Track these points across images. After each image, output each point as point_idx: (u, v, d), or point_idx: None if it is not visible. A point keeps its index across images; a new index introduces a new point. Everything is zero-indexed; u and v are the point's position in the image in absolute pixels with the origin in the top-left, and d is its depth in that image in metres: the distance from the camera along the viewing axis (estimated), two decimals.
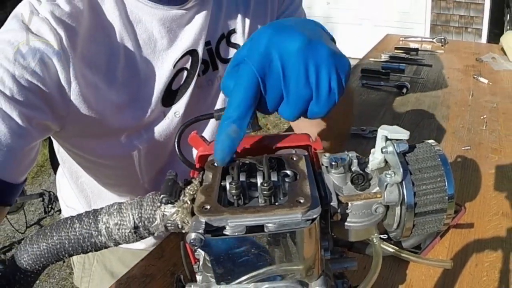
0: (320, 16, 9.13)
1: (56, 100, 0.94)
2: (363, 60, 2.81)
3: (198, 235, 0.52)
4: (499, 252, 1.16)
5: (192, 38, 1.10)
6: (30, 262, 0.70)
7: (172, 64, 1.08)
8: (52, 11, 0.91)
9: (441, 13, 7.99)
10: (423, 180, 0.62)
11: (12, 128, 0.87)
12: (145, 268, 1.15)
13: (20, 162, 0.92)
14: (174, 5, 1.05)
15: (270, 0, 1.27)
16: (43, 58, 0.89)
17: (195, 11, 1.09)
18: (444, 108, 2.05)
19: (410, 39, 3.21)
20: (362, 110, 2.09)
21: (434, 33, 7.95)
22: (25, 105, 0.88)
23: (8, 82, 0.86)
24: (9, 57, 0.86)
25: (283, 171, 0.61)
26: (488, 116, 1.94)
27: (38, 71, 0.89)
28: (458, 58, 2.77)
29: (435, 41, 3.11)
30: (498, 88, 2.28)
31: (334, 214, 0.61)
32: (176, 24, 1.07)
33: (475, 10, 7.72)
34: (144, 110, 1.07)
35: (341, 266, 0.67)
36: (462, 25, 7.90)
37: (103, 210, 0.70)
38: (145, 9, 1.02)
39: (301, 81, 0.62)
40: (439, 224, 0.64)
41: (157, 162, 1.18)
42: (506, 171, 1.52)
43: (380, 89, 2.32)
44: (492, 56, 2.75)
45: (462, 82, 2.38)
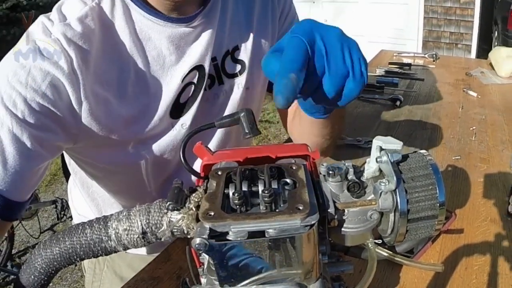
0: None
1: (67, 120, 0.94)
2: None
3: (203, 240, 0.52)
4: (487, 256, 1.16)
5: (199, 54, 1.10)
6: (44, 265, 0.70)
7: (180, 79, 1.08)
8: (64, 32, 0.91)
9: (432, 30, 8.00)
10: (415, 188, 0.62)
11: (21, 150, 0.87)
12: (152, 271, 1.15)
13: (28, 183, 0.91)
14: (182, 23, 1.05)
15: (271, 21, 1.28)
16: (54, 81, 0.89)
17: (201, 29, 1.09)
18: (436, 120, 2.05)
19: (403, 55, 3.21)
20: (357, 122, 2.09)
21: (426, 49, 7.96)
22: (36, 128, 0.88)
23: (20, 105, 0.86)
24: (22, 81, 0.86)
25: (283, 179, 0.61)
26: (477, 128, 1.94)
27: (49, 94, 0.89)
28: (448, 73, 2.78)
29: (427, 56, 3.11)
30: (486, 101, 2.28)
31: (331, 220, 0.62)
32: (184, 41, 1.08)
33: (465, 27, 7.73)
34: (153, 122, 1.07)
35: (338, 270, 0.67)
36: (453, 41, 7.90)
37: (113, 217, 0.70)
38: (154, 27, 1.03)
39: (339, 60, 0.69)
40: (430, 230, 0.64)
41: (164, 171, 1.18)
42: (494, 179, 1.52)
43: (375, 102, 2.32)
44: (481, 71, 2.75)
45: (453, 95, 2.38)
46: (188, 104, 1.13)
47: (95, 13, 0.97)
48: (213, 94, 1.19)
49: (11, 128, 0.85)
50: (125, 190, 1.23)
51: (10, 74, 0.86)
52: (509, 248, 1.18)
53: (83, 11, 0.95)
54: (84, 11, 0.95)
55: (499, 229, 1.26)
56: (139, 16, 1.01)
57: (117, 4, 0.99)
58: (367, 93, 2.41)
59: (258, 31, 1.25)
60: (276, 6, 1.29)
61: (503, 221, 1.29)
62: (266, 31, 1.28)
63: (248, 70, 1.23)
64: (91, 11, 0.96)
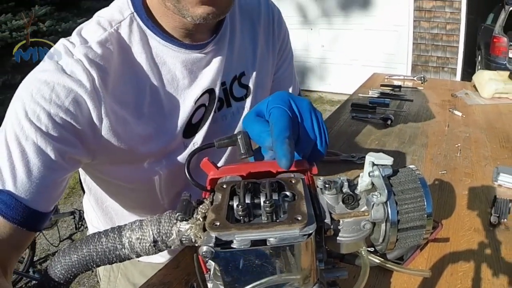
0: (316, 57, 9.21)
1: (88, 135, 0.93)
2: (353, 95, 2.82)
3: (209, 248, 0.52)
4: (471, 263, 1.15)
5: (210, 78, 1.10)
6: (63, 271, 0.70)
7: (193, 101, 1.08)
8: (86, 54, 0.91)
9: (421, 55, 8.02)
10: (405, 200, 0.62)
11: (45, 162, 0.86)
12: (163, 277, 1.15)
13: (51, 194, 0.90)
14: (195, 49, 1.05)
15: (271, 52, 1.30)
16: (77, 98, 0.88)
17: (212, 55, 1.10)
18: (424, 138, 2.05)
19: (394, 77, 3.21)
20: (352, 139, 2.09)
21: (415, 72, 7.99)
22: (59, 141, 0.88)
23: (44, 119, 0.85)
24: (46, 96, 0.86)
25: (283, 192, 0.62)
26: (462, 145, 1.94)
27: (72, 110, 0.88)
28: (436, 94, 2.78)
29: (415, 79, 3.11)
30: (470, 120, 2.28)
31: (327, 229, 0.62)
32: (196, 66, 1.08)
33: (451, 52, 7.75)
34: (167, 141, 1.07)
35: (333, 275, 0.67)
36: (439, 65, 7.92)
37: (126, 226, 0.70)
38: (169, 52, 1.03)
39: (310, 128, 0.76)
40: (419, 239, 0.64)
41: (175, 185, 1.17)
42: (477, 192, 1.52)
43: (368, 121, 2.32)
44: (466, 92, 2.75)
45: (439, 115, 2.38)
46: (200, 125, 1.13)
47: (114, 38, 0.97)
48: (222, 116, 1.19)
49: (36, 141, 0.84)
50: (139, 205, 1.22)
51: (34, 90, 0.86)
52: (491, 256, 1.18)
53: (103, 35, 0.95)
54: (104, 36, 0.95)
55: (482, 238, 1.26)
56: (155, 42, 1.01)
57: (134, 30, 1.00)
58: (361, 112, 2.42)
59: (261, 60, 1.26)
60: (276, 40, 1.31)
61: (486, 231, 1.29)
62: (267, 60, 1.29)
63: (253, 94, 1.24)
64: (110, 36, 0.96)
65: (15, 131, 0.85)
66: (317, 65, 9.30)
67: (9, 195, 0.82)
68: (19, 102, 0.87)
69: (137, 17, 1.00)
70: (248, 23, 1.24)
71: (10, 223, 0.82)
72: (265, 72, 1.29)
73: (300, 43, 9.19)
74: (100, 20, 0.98)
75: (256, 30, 1.25)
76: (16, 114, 0.86)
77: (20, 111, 0.86)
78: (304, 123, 0.76)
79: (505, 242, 1.24)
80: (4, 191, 0.82)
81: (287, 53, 1.39)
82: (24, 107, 0.86)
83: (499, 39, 7.74)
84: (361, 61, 8.61)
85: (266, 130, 0.74)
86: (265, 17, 1.27)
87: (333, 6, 8.67)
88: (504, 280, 1.10)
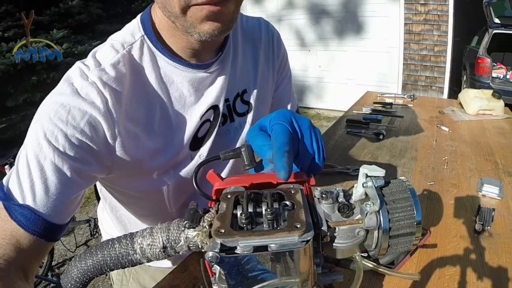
0: (313, 77, 9.23)
1: (103, 154, 0.94)
2: (348, 112, 2.82)
3: (215, 254, 0.52)
4: (457, 267, 1.15)
5: (215, 96, 1.11)
6: (79, 275, 0.70)
7: (199, 117, 1.08)
8: (100, 76, 0.91)
9: (410, 74, 8.03)
10: (396, 209, 0.62)
11: (61, 180, 0.87)
12: (172, 280, 1.14)
13: (67, 208, 0.91)
14: (201, 69, 1.06)
15: (271, 71, 1.31)
16: (91, 119, 0.89)
17: (216, 74, 1.11)
18: (413, 151, 2.05)
19: (386, 95, 3.21)
20: (346, 153, 2.09)
21: (405, 90, 7.99)
22: (75, 160, 0.88)
23: (61, 140, 0.86)
24: (62, 118, 0.86)
25: (283, 202, 0.62)
26: (449, 158, 1.94)
27: (87, 131, 0.89)
28: (424, 111, 2.78)
29: (406, 97, 3.12)
30: (456, 135, 2.29)
31: (324, 236, 0.62)
32: (202, 85, 1.08)
33: (438, 72, 7.76)
34: (175, 153, 1.07)
35: (330, 279, 0.67)
36: (428, 84, 7.93)
37: (138, 233, 0.71)
38: (177, 72, 1.04)
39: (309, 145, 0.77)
40: (409, 245, 0.64)
41: (183, 195, 1.18)
42: (463, 202, 1.52)
43: (362, 135, 2.32)
44: (452, 109, 2.75)
45: (428, 130, 2.38)
46: (205, 138, 1.13)
47: (126, 60, 0.97)
48: (225, 130, 1.19)
49: (53, 160, 0.85)
50: (149, 213, 1.23)
51: (52, 113, 0.87)
52: (476, 261, 1.18)
53: (116, 58, 0.96)
54: (117, 58, 0.96)
55: (468, 244, 1.25)
56: (164, 63, 1.02)
57: (145, 52, 1.01)
58: (355, 128, 2.42)
59: (262, 78, 1.26)
60: (276, 59, 1.32)
61: (470, 238, 1.29)
62: (268, 79, 1.30)
63: (254, 110, 1.24)
64: (123, 58, 0.97)
65: (34, 151, 0.86)
66: (315, 84, 9.31)
67: (29, 209, 0.83)
68: (38, 124, 0.88)
69: (147, 40, 1.01)
70: (249, 45, 1.25)
71: (30, 235, 0.83)
72: (265, 89, 1.30)
73: (299, 64, 9.22)
74: (113, 43, 0.99)
75: (257, 51, 1.26)
76: (36, 134, 0.87)
77: (39, 132, 0.86)
78: (304, 139, 0.77)
79: (489, 248, 1.24)
80: (24, 206, 0.83)
81: (286, 72, 1.40)
82: (43, 128, 0.86)
83: (483, 60, 7.76)
84: (356, 80, 8.62)
85: (267, 144, 0.74)
86: (265, 39, 1.28)
87: (329, 30, 8.70)
88: (487, 283, 1.10)
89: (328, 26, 8.70)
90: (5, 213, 0.83)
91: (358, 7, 8.20)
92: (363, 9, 8.17)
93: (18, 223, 0.82)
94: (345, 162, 1.94)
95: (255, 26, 1.28)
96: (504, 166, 1.85)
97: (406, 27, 7.77)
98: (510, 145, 2.13)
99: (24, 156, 0.87)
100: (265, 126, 0.80)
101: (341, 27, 8.55)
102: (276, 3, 9.16)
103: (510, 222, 1.39)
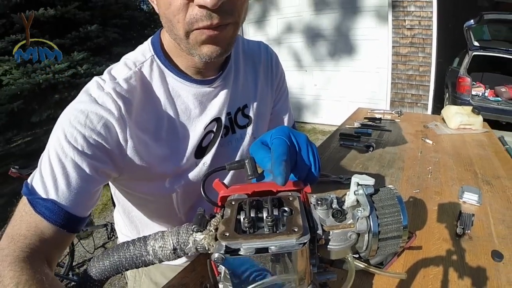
0: (310, 95, 9.24)
1: (116, 154, 0.96)
2: (341, 126, 2.82)
3: (220, 255, 0.53)
4: (440, 267, 1.15)
5: (218, 109, 1.12)
6: (97, 274, 0.71)
7: (203, 128, 1.10)
8: (114, 88, 0.95)
9: (398, 92, 8.04)
10: (385, 215, 0.62)
11: (81, 175, 0.89)
12: (181, 279, 1.14)
13: (87, 202, 0.93)
14: (205, 84, 1.08)
15: (270, 88, 1.32)
16: (107, 123, 0.92)
17: (219, 89, 1.12)
18: (400, 162, 2.05)
19: (376, 111, 3.21)
20: (339, 163, 2.09)
21: (393, 106, 7.99)
22: (92, 158, 0.91)
23: (80, 141, 0.89)
24: (81, 122, 0.89)
25: (282, 208, 0.62)
26: (433, 168, 1.94)
27: (103, 133, 0.92)
28: (410, 125, 2.78)
29: (393, 112, 3.12)
30: (440, 147, 2.28)
31: (319, 239, 0.62)
32: (206, 98, 1.10)
33: (423, 90, 7.77)
34: (181, 161, 1.08)
35: (324, 277, 0.67)
36: (414, 101, 7.93)
37: (150, 237, 0.71)
38: (183, 87, 1.06)
39: (306, 157, 0.79)
40: (396, 247, 0.64)
41: (190, 199, 1.18)
42: (446, 208, 1.51)
43: (353, 147, 2.32)
44: (435, 124, 2.75)
45: (413, 143, 2.38)
46: (208, 148, 1.14)
47: (137, 76, 1.00)
48: (227, 140, 1.20)
49: (74, 158, 0.88)
50: (159, 215, 1.23)
51: (72, 117, 0.90)
52: (457, 261, 1.18)
53: (128, 74, 0.99)
54: (129, 74, 0.99)
55: (450, 246, 1.25)
56: (171, 79, 1.05)
57: (154, 69, 1.03)
58: (347, 141, 2.42)
59: (261, 95, 1.27)
60: (274, 78, 1.33)
61: (452, 240, 1.29)
62: (267, 95, 1.31)
63: (254, 123, 1.25)
64: (135, 74, 1.00)
65: (56, 151, 0.89)
66: (311, 101, 9.32)
67: (52, 202, 0.86)
68: (60, 127, 0.91)
69: (156, 59, 1.04)
70: (250, 65, 1.26)
71: (54, 226, 0.86)
72: (264, 105, 1.30)
73: (296, 83, 9.23)
74: (126, 62, 1.03)
75: (257, 70, 1.28)
76: (58, 136, 0.90)
77: (61, 134, 0.89)
78: (302, 152, 0.79)
79: (469, 250, 1.24)
80: (48, 199, 0.86)
81: (284, 90, 1.41)
82: (64, 131, 0.89)
83: (463, 79, 7.78)
84: (348, 98, 8.62)
85: (268, 156, 0.76)
86: (264, 59, 1.30)
87: (324, 52, 8.73)
88: (468, 281, 1.10)
89: (323, 49, 8.73)
90: (29, 207, 0.86)
91: (350, 31, 8.23)
92: (355, 33, 8.20)
93: (42, 216, 0.85)
94: (338, 171, 1.94)
95: (255, 48, 1.29)
96: (483, 175, 1.85)
97: (394, 49, 7.79)
98: (488, 156, 2.13)
99: (46, 157, 0.90)
100: (266, 141, 0.83)
101: (335, 50, 8.58)
102: (276, 28, 9.20)
103: (488, 226, 1.39)
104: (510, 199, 1.60)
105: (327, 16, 8.46)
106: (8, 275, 0.74)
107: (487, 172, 1.90)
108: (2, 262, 0.77)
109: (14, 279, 0.73)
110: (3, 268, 0.76)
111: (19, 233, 0.84)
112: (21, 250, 0.80)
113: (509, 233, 1.35)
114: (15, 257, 0.78)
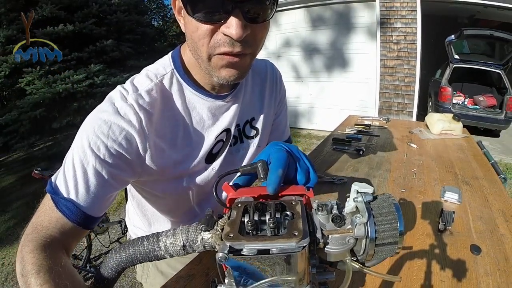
0: (305, 103, 9.26)
1: (135, 163, 0.97)
2: (334, 132, 2.82)
3: (224, 254, 0.53)
4: (424, 260, 1.16)
5: (228, 121, 1.13)
6: (114, 265, 0.72)
7: (214, 137, 1.11)
8: (137, 100, 0.95)
9: (385, 101, 8.05)
10: (382, 221, 0.62)
11: (100, 182, 0.91)
12: (188, 270, 1.15)
13: (102, 204, 0.94)
14: (218, 99, 1.09)
15: (273, 103, 1.33)
16: (128, 135, 0.93)
17: (231, 103, 1.14)
18: (387, 164, 2.05)
19: (365, 118, 3.22)
20: (332, 166, 2.09)
21: (381, 114, 8.00)
22: (112, 166, 0.92)
23: (102, 150, 0.89)
24: (104, 132, 0.90)
25: (285, 212, 0.62)
26: (417, 170, 1.94)
27: (124, 144, 0.92)
28: (397, 131, 2.78)
29: (381, 119, 3.12)
30: (423, 151, 2.28)
31: (319, 243, 0.62)
32: (218, 111, 1.11)
33: (408, 98, 7.79)
34: (193, 164, 1.09)
35: (323, 278, 0.67)
36: (400, 109, 7.94)
37: (162, 233, 0.72)
38: (199, 100, 1.07)
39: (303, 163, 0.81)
40: (392, 252, 0.63)
41: (204, 195, 1.20)
42: (429, 206, 1.52)
43: (345, 151, 2.32)
44: (420, 130, 2.76)
45: (400, 147, 2.38)
46: (218, 155, 1.15)
47: (158, 88, 1.01)
48: (236, 149, 1.21)
49: (95, 165, 0.89)
50: (172, 209, 1.24)
51: (96, 127, 0.90)
52: (439, 254, 1.19)
53: (150, 85, 1.00)
54: (151, 85, 1.00)
55: (432, 241, 1.26)
56: (189, 92, 1.05)
57: (173, 82, 1.04)
58: (340, 145, 2.42)
59: (266, 109, 1.29)
60: (277, 94, 1.34)
61: (435, 235, 1.30)
62: (271, 109, 1.32)
63: (260, 134, 1.27)
64: (156, 86, 1.00)
65: (79, 156, 0.90)
66: (307, 109, 9.33)
67: (72, 203, 0.89)
68: (84, 133, 0.91)
69: (176, 73, 1.05)
70: (258, 82, 1.27)
71: (72, 223, 0.89)
72: (268, 117, 1.32)
73: (293, 92, 9.25)
74: (148, 73, 1.03)
75: (264, 86, 1.29)
76: (82, 143, 0.91)
77: (85, 141, 0.90)
78: (299, 160, 0.82)
79: (450, 244, 1.26)
80: (68, 199, 0.89)
81: (283, 105, 1.43)
82: (88, 139, 0.90)
83: (445, 89, 7.80)
84: (340, 106, 8.64)
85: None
86: (270, 77, 1.31)
87: (319, 65, 8.75)
88: (449, 272, 1.11)
89: (318, 61, 8.75)
90: (52, 203, 0.89)
91: (343, 45, 8.26)
92: (347, 48, 8.23)
93: (63, 213, 0.88)
94: (331, 173, 1.95)
95: (262, 67, 1.31)
96: (463, 176, 1.86)
97: (382, 62, 7.81)
98: (467, 159, 2.13)
99: (70, 159, 0.91)
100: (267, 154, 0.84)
101: (329, 62, 8.60)
102: (275, 43, 9.22)
103: (468, 223, 1.40)
104: (487, 198, 1.61)
105: (322, 32, 8.49)
106: (31, 261, 0.78)
107: (466, 173, 1.91)
108: (25, 247, 0.82)
109: (36, 266, 0.76)
110: (26, 253, 0.80)
111: (42, 224, 0.88)
112: (42, 238, 0.84)
113: (486, 229, 1.36)
114: (37, 244, 0.82)
